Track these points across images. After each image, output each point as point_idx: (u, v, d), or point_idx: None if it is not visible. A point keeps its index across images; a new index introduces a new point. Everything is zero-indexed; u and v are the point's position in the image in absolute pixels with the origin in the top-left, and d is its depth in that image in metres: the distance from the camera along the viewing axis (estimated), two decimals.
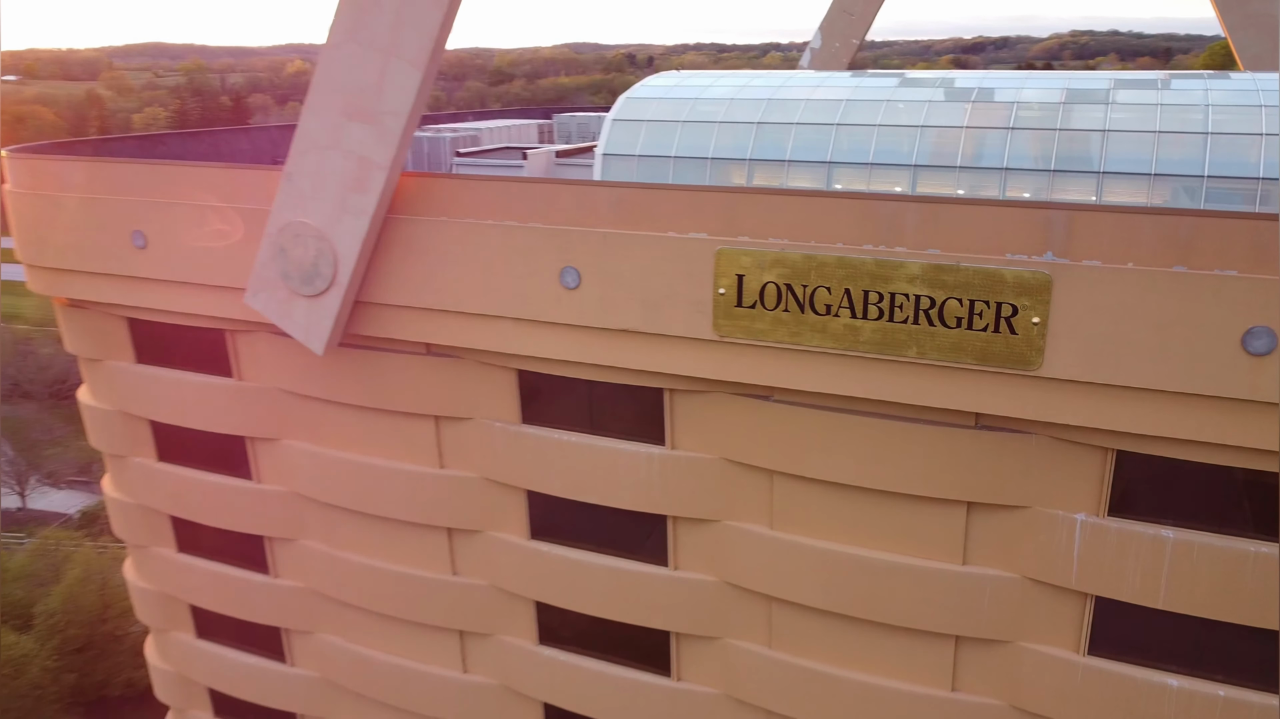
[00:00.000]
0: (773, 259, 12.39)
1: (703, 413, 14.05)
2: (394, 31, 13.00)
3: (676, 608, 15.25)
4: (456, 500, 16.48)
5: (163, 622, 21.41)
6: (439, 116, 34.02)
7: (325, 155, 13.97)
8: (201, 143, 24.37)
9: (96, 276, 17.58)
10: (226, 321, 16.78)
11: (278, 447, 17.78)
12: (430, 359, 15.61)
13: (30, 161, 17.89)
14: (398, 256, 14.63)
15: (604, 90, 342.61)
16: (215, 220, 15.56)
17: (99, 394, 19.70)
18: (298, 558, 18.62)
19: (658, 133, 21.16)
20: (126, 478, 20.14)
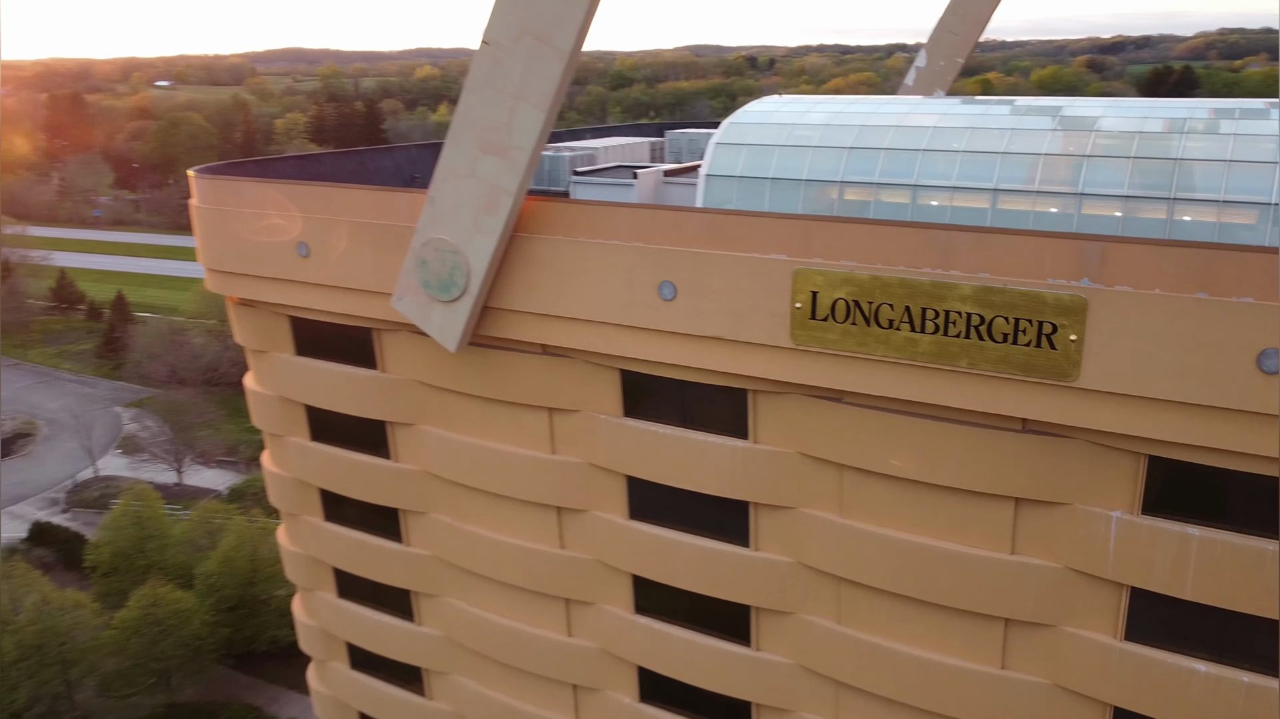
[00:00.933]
0: (842, 278, 14.17)
1: (781, 412, 15.90)
2: (522, 80, 15.31)
3: (756, 585, 17.12)
4: (565, 483, 18.74)
5: (309, 582, 24.42)
6: (561, 134, 36.68)
7: (462, 183, 16.40)
8: (351, 161, 27.48)
9: (265, 280, 20.54)
10: (374, 321, 19.43)
11: (413, 431, 20.41)
12: (546, 358, 17.89)
13: (212, 181, 21.02)
14: (521, 269, 16.96)
15: (722, 94, 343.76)
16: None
17: (262, 381, 22.74)
18: (427, 529, 21.24)
19: (757, 156, 23.02)
20: (283, 454, 23.16)
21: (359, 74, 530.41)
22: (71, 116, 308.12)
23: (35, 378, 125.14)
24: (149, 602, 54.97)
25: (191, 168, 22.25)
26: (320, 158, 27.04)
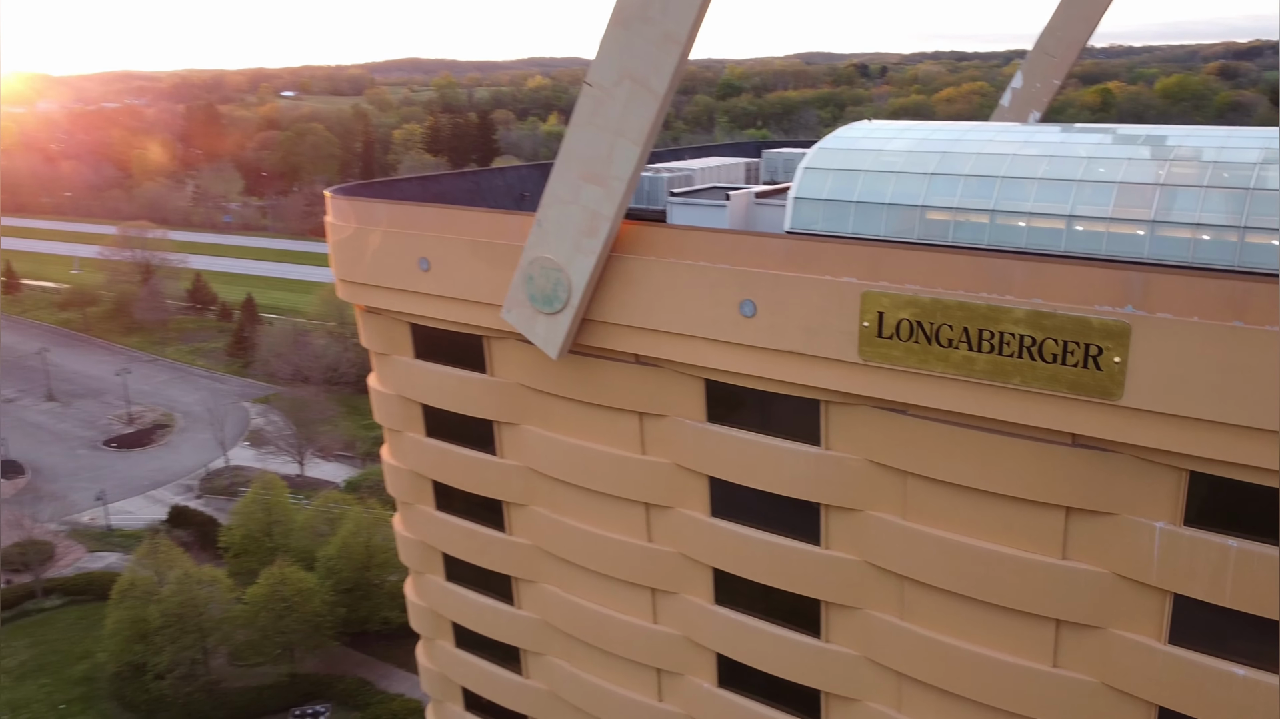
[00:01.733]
0: (906, 300, 15.53)
1: (850, 422, 17.30)
2: (621, 119, 17.14)
3: (825, 581, 18.52)
4: (653, 481, 20.48)
5: (421, 565, 26.78)
6: (662, 153, 38.56)
7: (566, 208, 18.34)
8: (467, 181, 29.90)
9: (389, 291, 22.91)
10: (485, 330, 21.55)
11: (517, 430, 22.47)
12: (638, 367, 19.67)
13: (345, 201, 23.53)
14: (617, 286, 18.78)
15: (831, 104, 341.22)
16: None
17: (384, 381, 25.17)
18: (528, 520, 23.27)
19: (842, 180, 24.36)
20: (400, 448, 25.56)
21: (473, 84, 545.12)
22: (206, 127, 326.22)
23: (172, 373, 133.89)
24: (276, 580, 60.31)
25: (318, 178, 25.27)
26: (440, 178, 29.54)
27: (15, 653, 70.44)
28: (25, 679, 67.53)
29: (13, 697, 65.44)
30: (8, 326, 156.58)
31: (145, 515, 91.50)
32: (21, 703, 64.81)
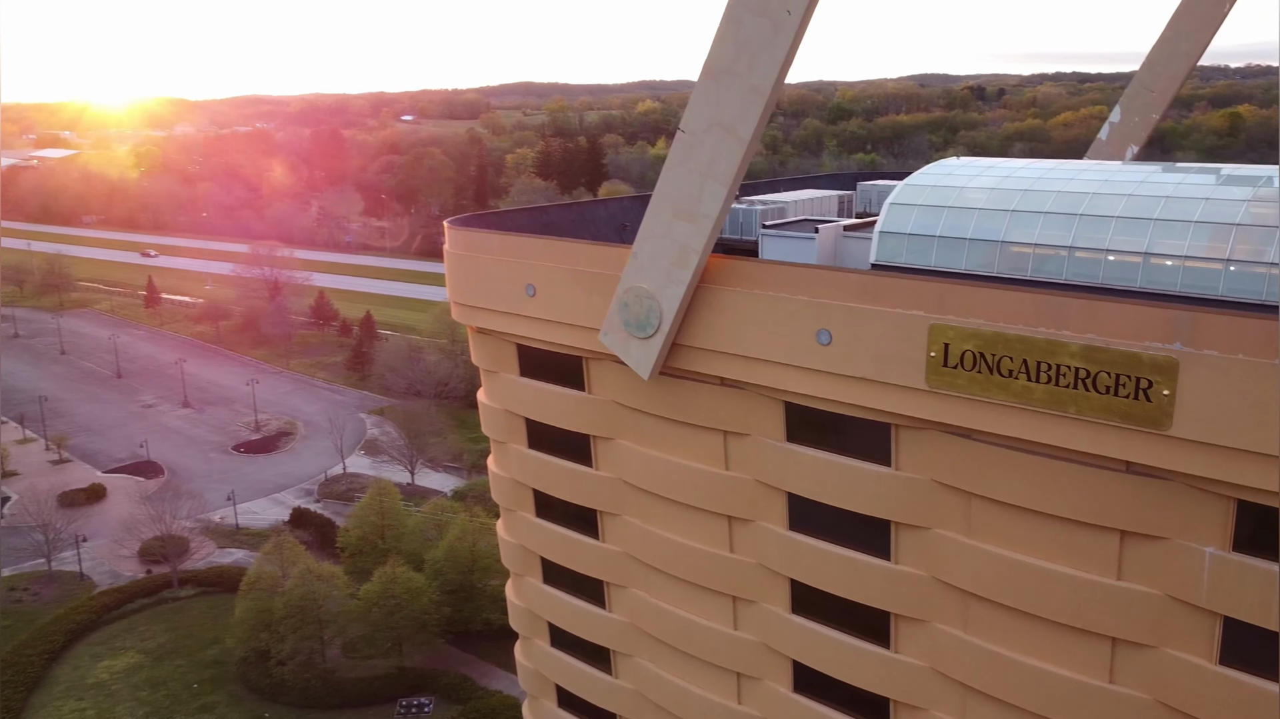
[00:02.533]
0: (970, 333, 16.73)
1: (919, 444, 18.49)
2: (710, 162, 18.85)
3: (894, 594, 19.67)
4: (735, 496, 21.97)
5: (520, 568, 28.79)
6: (759, 184, 40.13)
7: (659, 242, 20.11)
8: (572, 212, 32.08)
9: (499, 313, 25.07)
10: (584, 351, 23.46)
11: (612, 444, 24.26)
12: (723, 389, 21.24)
13: (461, 231, 25.85)
14: (704, 313, 20.43)
15: (943, 128, 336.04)
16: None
17: (491, 396, 27.34)
18: (619, 528, 25.00)
19: (926, 215, 25.50)
20: (505, 458, 27.66)
21: (584, 108, 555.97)
22: (330, 150, 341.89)
23: (296, 384, 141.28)
24: (388, 579, 64.89)
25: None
26: (547, 209, 31.80)
27: (154, 636, 77.17)
28: (163, 660, 74.01)
29: (153, 674, 72.21)
30: (149, 338, 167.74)
31: (269, 516, 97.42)
32: (160, 681, 71.44)
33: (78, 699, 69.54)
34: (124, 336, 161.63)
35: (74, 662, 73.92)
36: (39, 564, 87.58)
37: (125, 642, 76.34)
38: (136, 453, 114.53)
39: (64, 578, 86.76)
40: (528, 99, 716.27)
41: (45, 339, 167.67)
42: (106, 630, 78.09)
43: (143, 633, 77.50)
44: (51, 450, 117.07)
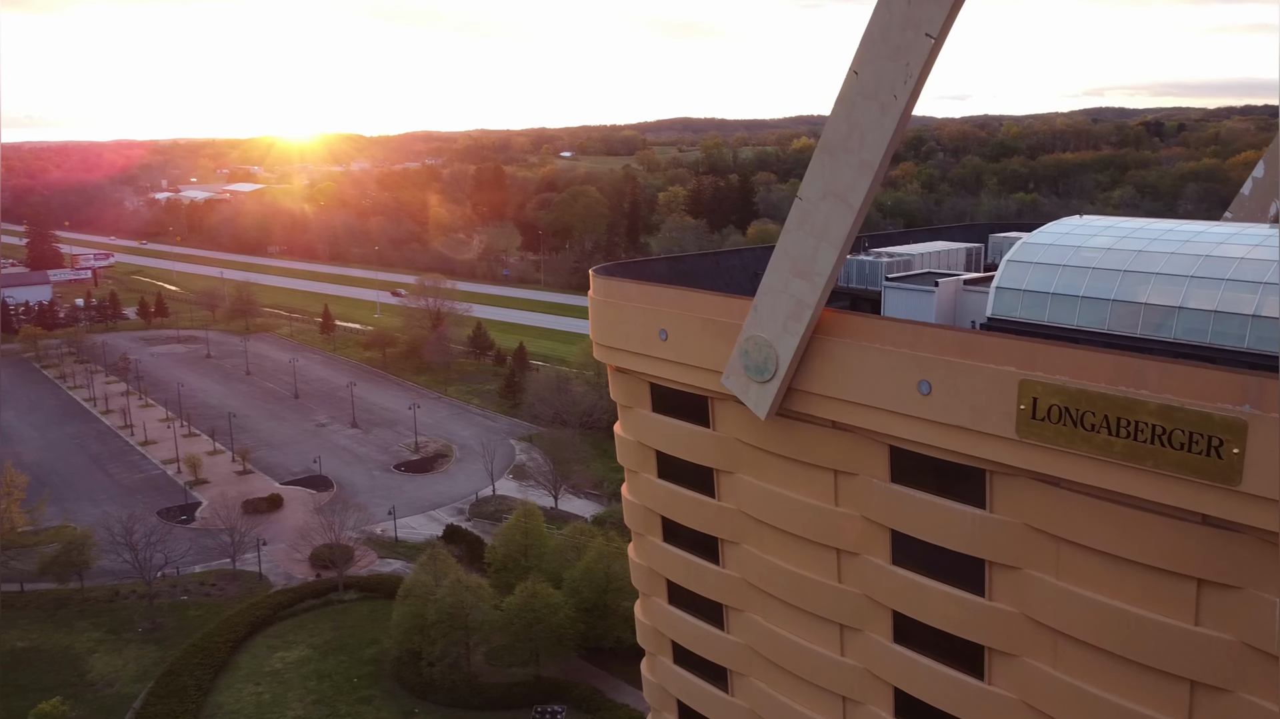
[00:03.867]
0: (1056, 389, 18.23)
1: (1011, 489, 19.95)
2: (824, 227, 21.03)
3: (988, 629, 21.04)
4: (843, 530, 23.78)
5: (648, 589, 31.22)
6: (893, 235, 41.68)
7: (777, 296, 22.36)
8: (708, 261, 34.65)
9: (635, 354, 27.76)
10: (709, 391, 25.82)
11: (733, 478, 26.45)
12: (833, 431, 23.18)
13: (604, 279, 28.76)
14: (817, 362, 22.49)
15: (1111, 167, 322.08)
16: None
17: (626, 429, 30.03)
18: (738, 556, 27.09)
19: (1042, 273, 26.74)
20: (637, 487, 30.25)
21: (739, 144, 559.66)
22: (492, 187, 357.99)
23: (452, 410, 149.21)
24: (529, 594, 69.88)
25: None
26: (683, 259, 34.49)
27: (321, 633, 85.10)
28: (328, 655, 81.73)
29: (319, 667, 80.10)
30: (323, 362, 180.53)
31: (425, 531, 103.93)
32: (325, 673, 79.21)
33: (256, 684, 77.90)
34: (301, 360, 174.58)
35: (253, 651, 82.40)
36: (225, 563, 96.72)
37: (297, 636, 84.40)
38: (310, 467, 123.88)
39: (245, 577, 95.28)
40: (685, 135, 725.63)
41: (233, 360, 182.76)
42: (281, 625, 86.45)
43: (312, 630, 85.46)
44: (237, 462, 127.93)
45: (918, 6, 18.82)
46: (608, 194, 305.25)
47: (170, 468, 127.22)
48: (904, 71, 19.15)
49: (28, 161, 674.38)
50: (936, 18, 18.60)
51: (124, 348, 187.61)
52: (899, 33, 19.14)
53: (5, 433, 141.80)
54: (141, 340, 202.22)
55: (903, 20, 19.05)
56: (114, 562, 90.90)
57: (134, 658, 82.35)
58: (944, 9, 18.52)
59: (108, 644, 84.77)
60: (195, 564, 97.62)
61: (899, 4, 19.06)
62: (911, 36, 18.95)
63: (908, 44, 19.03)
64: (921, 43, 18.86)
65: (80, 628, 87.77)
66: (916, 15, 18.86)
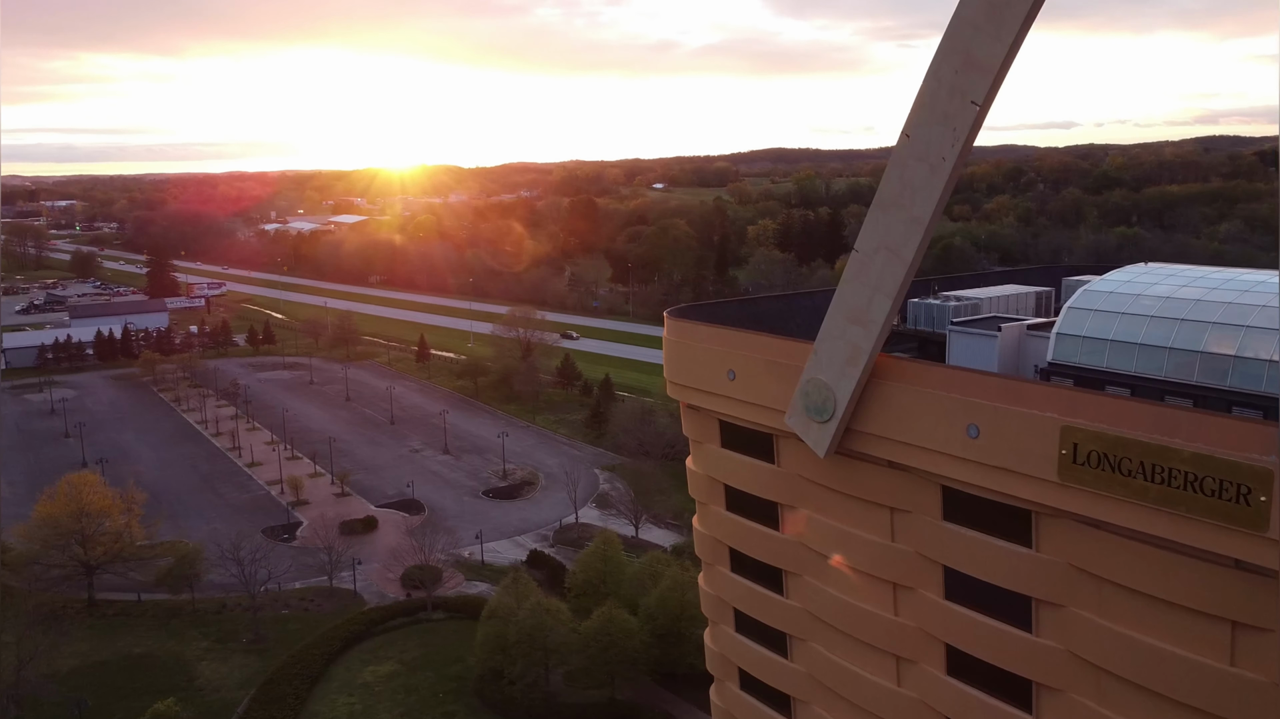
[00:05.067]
0: (1095, 435, 19.22)
1: (1055, 530, 20.89)
2: (878, 278, 22.43)
3: (1035, 664, 21.89)
4: (899, 565, 24.88)
5: (716, 616, 32.60)
6: (965, 277, 42.44)
7: (835, 342, 23.80)
8: (780, 303, 36.15)
9: (705, 393, 29.39)
10: (773, 429, 27.25)
11: (794, 510, 27.80)
12: (889, 469, 24.39)
13: (677, 321, 30.54)
14: (873, 404, 23.79)
15: (1219, 200, 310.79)
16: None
17: (697, 463, 31.63)
18: (801, 587, 28.35)
19: (1101, 320, 27.55)
20: (706, 518, 31.77)
21: (832, 175, 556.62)
22: (584, 219, 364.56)
23: (539, 439, 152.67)
24: (606, 619, 72.14)
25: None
26: (757, 300, 36.09)
27: (410, 650, 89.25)
28: (416, 670, 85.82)
29: (407, 682, 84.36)
30: (418, 390, 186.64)
31: (510, 555, 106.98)
32: (413, 688, 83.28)
33: (349, 695, 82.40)
34: (398, 387, 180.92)
35: (347, 664, 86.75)
36: (322, 580, 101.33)
37: (387, 652, 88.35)
38: (403, 491, 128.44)
39: (341, 594, 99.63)
40: (778, 165, 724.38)
41: (334, 387, 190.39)
42: (373, 641, 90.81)
43: (401, 646, 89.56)
44: (336, 485, 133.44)
45: (964, 76, 20.23)
46: (697, 226, 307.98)
47: (274, 489, 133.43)
48: (951, 136, 20.54)
49: (149, 193, 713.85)
50: (981, 87, 19.98)
51: (234, 373, 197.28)
52: (947, 100, 20.55)
53: (126, 452, 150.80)
54: (250, 366, 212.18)
55: (950, 88, 20.47)
56: (222, 576, 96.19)
57: (238, 666, 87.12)
58: (988, 78, 19.88)
59: (215, 653, 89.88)
60: (295, 580, 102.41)
61: (947, 74, 20.50)
62: (959, 104, 20.35)
63: (955, 110, 20.43)
64: (967, 110, 20.24)
65: (191, 636, 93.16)
66: (963, 84, 20.27)
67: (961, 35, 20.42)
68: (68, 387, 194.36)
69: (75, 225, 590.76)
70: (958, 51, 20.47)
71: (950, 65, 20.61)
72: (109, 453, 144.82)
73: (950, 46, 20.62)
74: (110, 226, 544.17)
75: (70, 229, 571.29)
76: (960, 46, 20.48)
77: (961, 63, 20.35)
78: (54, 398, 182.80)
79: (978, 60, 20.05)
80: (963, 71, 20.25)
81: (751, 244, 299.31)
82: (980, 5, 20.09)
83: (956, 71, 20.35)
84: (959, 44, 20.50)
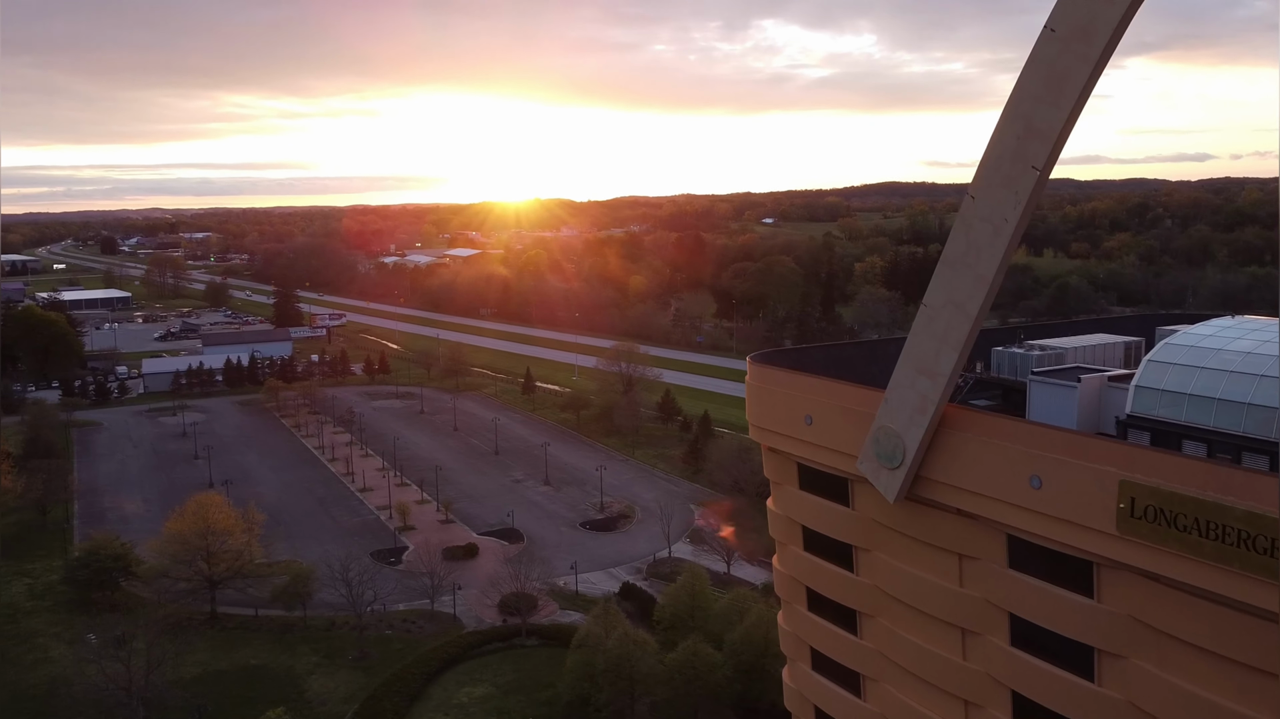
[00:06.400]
0: (1152, 490, 19.77)
1: (1115, 581, 21.35)
2: (944, 332, 23.42)
3: (1096, 712, 22.26)
4: (967, 611, 25.50)
5: (794, 654, 33.47)
6: (1057, 326, 42.48)
7: (904, 391, 24.79)
8: (863, 350, 37.09)
9: (784, 437, 30.58)
10: (848, 473, 28.27)
11: (870, 554, 28.62)
12: (958, 516, 25.13)
13: (759, 367, 31.86)
14: (942, 453, 24.63)
15: None
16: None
17: (777, 504, 32.73)
18: (874, 628, 29.08)
19: (1180, 374, 27.73)
20: (785, 557, 32.78)
21: (947, 210, 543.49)
22: (691, 254, 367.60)
23: (638, 473, 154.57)
24: (690, 653, 73.62)
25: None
26: (842, 346, 37.19)
27: (504, 674, 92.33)
28: (509, 694, 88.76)
29: (500, 704, 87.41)
30: (522, 422, 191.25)
31: (604, 587, 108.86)
32: (505, 710, 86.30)
33: (445, 715, 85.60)
34: (503, 419, 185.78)
35: (444, 684, 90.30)
36: (424, 603, 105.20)
37: (482, 675, 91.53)
38: (504, 520, 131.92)
39: (441, 617, 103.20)
40: (891, 200, 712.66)
41: (443, 417, 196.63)
42: (469, 664, 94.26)
43: (495, 670, 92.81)
44: (440, 512, 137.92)
45: (1026, 143, 21.24)
46: (804, 262, 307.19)
47: (383, 513, 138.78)
48: (1014, 199, 21.54)
49: (278, 226, 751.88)
50: (1041, 153, 20.95)
51: (350, 401, 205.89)
52: (1010, 165, 21.57)
53: (249, 474, 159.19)
54: (365, 395, 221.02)
55: (1013, 154, 21.49)
56: (332, 595, 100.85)
57: (344, 682, 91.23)
58: (1048, 145, 20.85)
59: (323, 668, 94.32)
60: (400, 602, 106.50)
61: (1010, 140, 21.54)
62: (1020, 169, 21.36)
63: (1017, 175, 21.44)
64: (1029, 174, 21.22)
65: (301, 651, 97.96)
66: (1025, 150, 21.28)
67: (1023, 103, 21.44)
68: (199, 411, 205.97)
69: (210, 256, 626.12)
70: (1020, 118, 21.49)
71: (1013, 131, 21.63)
72: (234, 474, 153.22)
73: (1013, 114, 21.66)
74: (241, 258, 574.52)
75: (205, 260, 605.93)
76: (1022, 114, 21.49)
77: (1023, 130, 21.36)
78: (186, 421, 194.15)
79: (1038, 128, 21.04)
80: (1024, 138, 21.25)
81: (858, 281, 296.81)
82: (1040, 76, 21.10)
83: (1018, 138, 21.37)
84: (1021, 111, 21.52)
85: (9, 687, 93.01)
